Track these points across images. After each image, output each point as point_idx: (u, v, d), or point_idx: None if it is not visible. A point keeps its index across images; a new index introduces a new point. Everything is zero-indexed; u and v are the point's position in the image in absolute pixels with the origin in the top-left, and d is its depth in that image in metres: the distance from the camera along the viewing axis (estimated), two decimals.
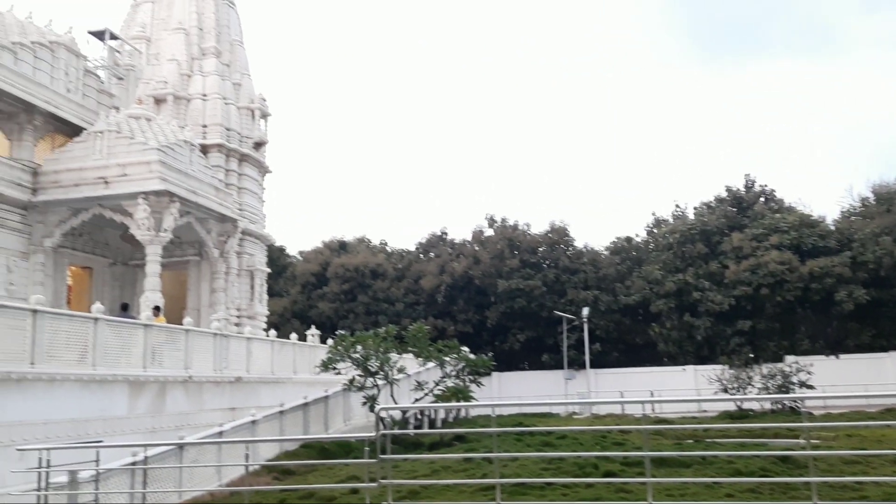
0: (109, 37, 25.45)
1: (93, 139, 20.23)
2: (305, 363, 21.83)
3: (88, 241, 21.91)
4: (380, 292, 45.78)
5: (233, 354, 17.99)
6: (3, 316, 11.67)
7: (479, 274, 44.84)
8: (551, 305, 42.84)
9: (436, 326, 39.54)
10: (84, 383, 12.83)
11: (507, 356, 42.61)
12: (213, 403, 16.62)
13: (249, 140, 26.25)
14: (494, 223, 48.07)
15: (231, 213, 22.97)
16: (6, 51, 19.61)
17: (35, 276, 19.61)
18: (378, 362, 17.78)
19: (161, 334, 15.53)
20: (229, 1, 27.42)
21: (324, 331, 25.72)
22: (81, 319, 13.43)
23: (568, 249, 46.35)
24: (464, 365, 19.60)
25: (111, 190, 19.52)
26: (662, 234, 44.91)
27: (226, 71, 26.18)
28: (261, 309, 26.16)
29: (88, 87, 22.64)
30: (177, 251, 23.04)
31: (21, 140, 20.33)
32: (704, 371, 36.59)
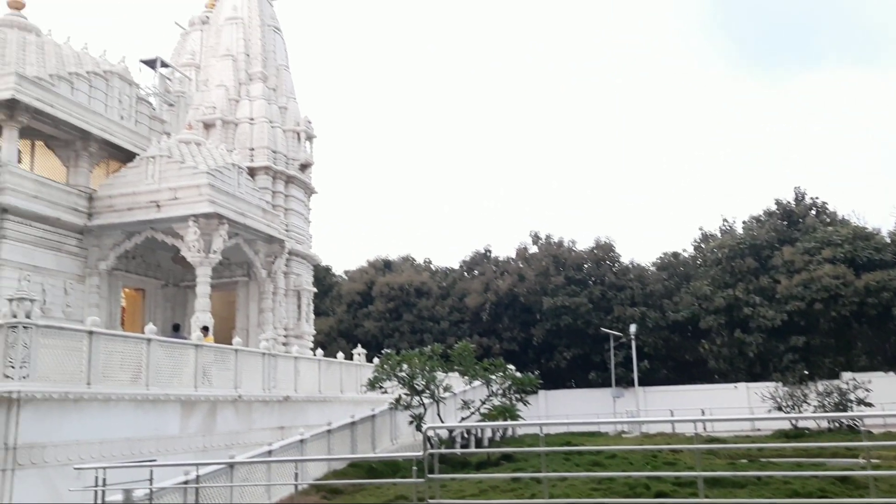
0: (160, 65, 26.27)
1: (145, 164, 20.80)
2: (352, 382, 21.94)
3: (141, 263, 22.47)
4: (425, 311, 45.87)
5: (281, 374, 18.18)
6: (61, 338, 12.00)
7: (524, 291, 44.62)
8: (598, 322, 42.37)
9: (481, 345, 39.46)
10: (138, 403, 13.10)
11: (553, 374, 42.22)
12: (263, 422, 16.80)
13: (295, 162, 26.69)
14: (539, 240, 47.87)
15: (278, 233, 23.33)
16: (63, 81, 20.34)
17: (90, 298, 20.17)
18: (424, 381, 17.79)
19: (211, 354, 15.78)
20: (275, 27, 28.03)
21: (369, 349, 25.88)
22: (135, 340, 13.73)
23: (614, 266, 45.86)
24: (510, 383, 19.48)
25: (163, 213, 20.00)
26: (710, 249, 44.12)
27: (272, 95, 26.72)
28: (308, 328, 26.43)
29: (141, 114, 23.33)
30: (226, 272, 23.47)
31: (77, 166, 21.02)
32: (757, 388, 35.71)
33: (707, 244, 46.15)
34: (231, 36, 26.86)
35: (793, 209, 43.93)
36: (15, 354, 10.91)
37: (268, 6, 28.26)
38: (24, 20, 22.22)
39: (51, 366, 11.56)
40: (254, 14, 27.37)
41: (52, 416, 11.30)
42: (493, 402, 19.14)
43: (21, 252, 18.32)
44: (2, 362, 10.93)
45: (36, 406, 11.02)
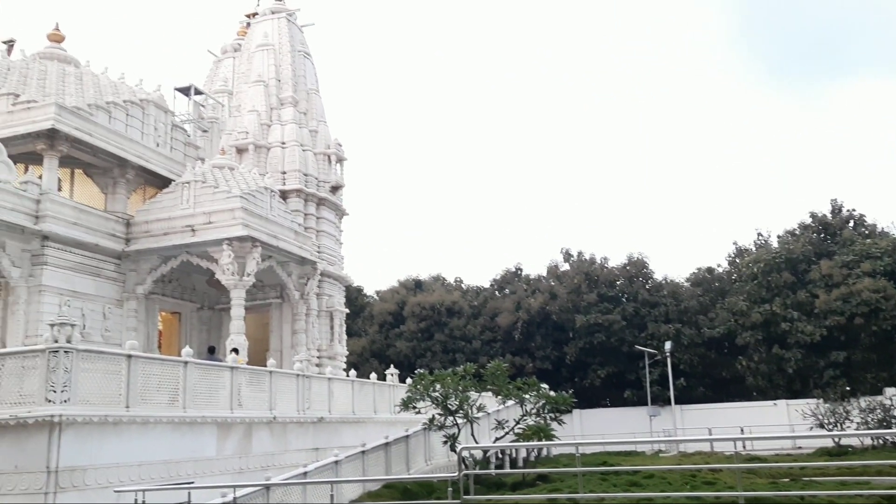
0: (194, 92, 26.86)
1: (180, 189, 21.20)
2: (385, 402, 21.95)
3: (177, 287, 22.82)
4: (456, 330, 45.79)
5: (315, 395, 18.25)
6: (101, 361, 12.19)
7: (556, 309, 44.34)
8: (632, 340, 41.90)
9: (514, 364, 39.21)
10: (175, 425, 13.24)
11: (587, 393, 41.78)
12: (297, 444, 16.86)
13: (326, 184, 26.98)
14: (570, 257, 47.62)
15: (310, 255, 23.55)
16: (101, 110, 20.89)
17: (128, 322, 20.52)
18: (457, 401, 17.73)
19: (246, 376, 15.91)
20: (305, 52, 28.49)
21: (402, 369, 25.89)
22: (172, 363, 13.90)
23: (647, 282, 45.41)
24: (544, 402, 19.33)
25: (198, 237, 20.33)
26: (745, 264, 43.47)
27: (303, 119, 27.11)
28: (340, 349, 26.55)
29: (176, 141, 23.83)
30: (259, 294, 23.73)
31: (115, 193, 21.50)
32: (797, 405, 34.94)
33: (742, 259, 45.50)
34: (262, 62, 27.36)
35: (829, 222, 43.17)
36: (56, 379, 11.10)
37: (298, 32, 28.76)
38: (64, 52, 22.92)
39: (91, 389, 11.73)
40: (284, 40, 27.87)
41: (92, 440, 11.47)
42: (527, 421, 19.00)
43: (61, 278, 18.73)
44: (43, 386, 11.12)
45: (77, 429, 11.20)
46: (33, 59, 22.24)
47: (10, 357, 11.91)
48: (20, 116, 19.41)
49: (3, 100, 19.99)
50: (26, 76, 21.09)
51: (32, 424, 10.91)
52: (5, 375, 11.62)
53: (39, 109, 19.31)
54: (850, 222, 43.25)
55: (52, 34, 23.24)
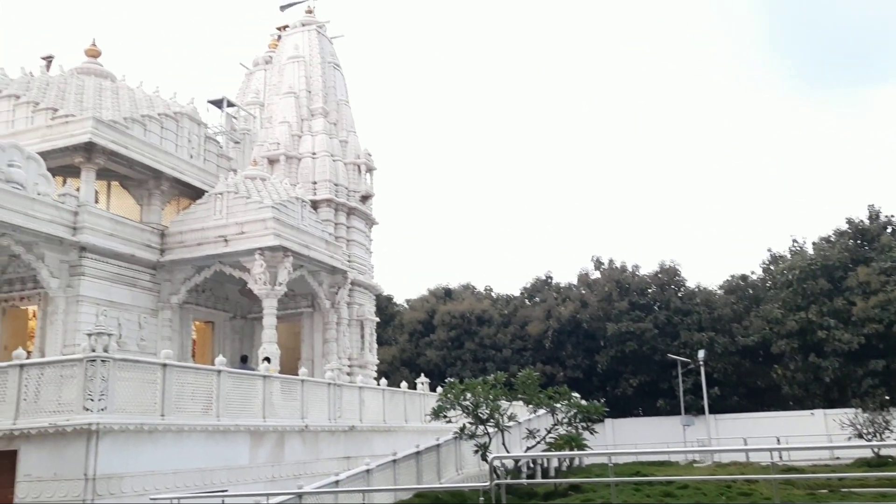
0: (227, 104, 27.25)
1: (213, 200, 21.49)
2: (416, 411, 21.97)
3: (210, 296, 23.11)
4: (486, 339, 45.68)
5: (346, 403, 18.34)
6: (137, 370, 12.40)
7: (587, 318, 44.03)
8: (664, 348, 41.42)
9: (544, 372, 38.98)
10: (209, 434, 13.39)
11: (619, 402, 41.38)
12: (329, 452, 16.95)
13: (356, 194, 27.16)
14: (601, 265, 47.28)
15: (341, 264, 23.70)
16: (137, 123, 21.29)
17: (163, 331, 20.82)
18: (488, 410, 17.66)
19: (278, 385, 16.05)
20: (335, 64, 28.78)
21: (432, 378, 25.90)
22: (206, 372, 14.07)
23: (679, 290, 44.90)
24: (575, 412, 19.18)
25: (230, 247, 20.58)
26: (780, 271, 42.77)
27: (333, 129, 27.35)
28: (371, 358, 26.65)
29: (209, 152, 24.18)
30: (291, 303, 23.92)
31: (150, 204, 21.87)
32: (835, 415, 34.22)
33: (776, 266, 44.78)
34: (293, 74, 27.69)
35: (866, 228, 42.30)
36: (94, 387, 11.31)
37: (328, 44, 29.07)
38: (101, 67, 23.44)
39: (127, 398, 11.93)
40: (314, 52, 28.18)
41: (128, 447, 11.66)
42: (558, 430, 18.86)
43: (98, 288, 19.09)
44: (81, 395, 11.34)
45: (114, 437, 11.40)
46: (71, 74, 22.77)
47: (49, 366, 12.18)
48: (59, 130, 19.86)
49: (42, 114, 20.48)
50: (64, 91, 21.58)
51: (71, 432, 11.12)
52: (44, 384, 11.87)
53: (77, 123, 19.74)
54: (887, 228, 42.33)
55: (90, 50, 23.79)
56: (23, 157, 17.58)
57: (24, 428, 11.41)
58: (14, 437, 11.50)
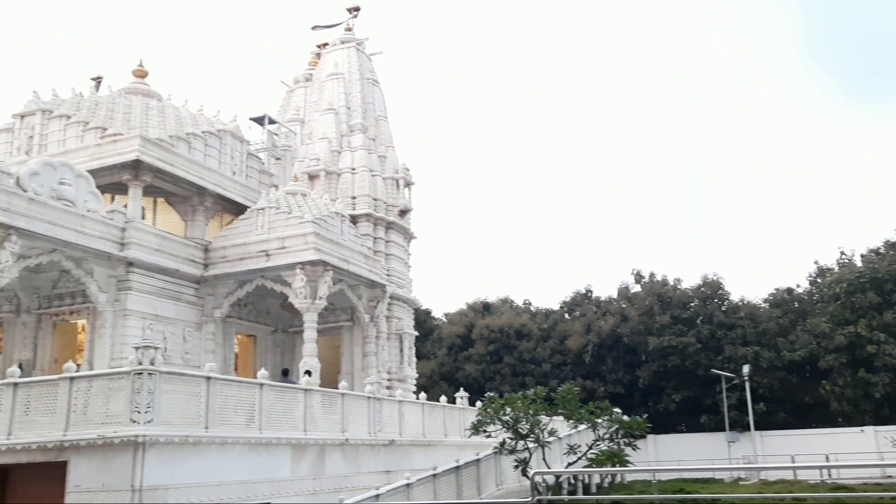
0: (268, 121, 27.76)
1: (255, 216, 21.86)
2: (455, 426, 21.92)
3: (252, 310, 23.44)
4: (525, 353, 45.41)
5: (386, 417, 18.38)
6: (182, 383, 12.60)
7: (628, 332, 43.50)
8: (707, 363, 40.66)
9: (584, 387, 38.60)
10: (252, 446, 13.53)
11: (661, 417, 40.69)
12: (369, 466, 16.99)
13: (395, 208, 27.35)
14: (641, 279, 46.71)
15: (380, 278, 23.85)
16: (182, 141, 21.80)
17: (206, 344, 21.17)
18: (528, 425, 17.55)
19: (319, 398, 16.16)
20: (373, 80, 29.13)
21: (471, 392, 25.81)
22: (248, 385, 14.24)
23: (723, 304, 44.08)
24: (617, 427, 18.95)
25: (272, 262, 20.88)
26: (828, 284, 41.73)
27: (371, 145, 27.63)
28: (410, 372, 26.70)
29: (251, 169, 24.62)
30: (331, 317, 24.13)
31: (194, 220, 22.33)
32: (886, 432, 33.18)
33: (824, 279, 43.71)
34: (333, 91, 28.08)
35: None
36: (140, 400, 11.53)
37: (367, 61, 29.44)
38: (147, 87, 24.08)
39: (172, 410, 12.12)
40: (353, 69, 28.56)
41: (174, 459, 11.84)
42: (600, 446, 18.65)
43: (144, 302, 19.51)
44: (129, 407, 11.56)
45: (159, 449, 11.59)
46: (119, 94, 23.43)
47: (97, 379, 12.46)
48: (107, 149, 20.43)
49: (91, 133, 21.09)
50: (113, 110, 22.21)
51: (118, 444, 11.34)
52: (93, 396, 12.13)
53: (125, 142, 20.28)
54: None
55: (137, 70, 24.48)
56: (73, 175, 18.10)
57: (74, 439, 11.67)
58: (64, 448, 11.77)
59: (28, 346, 19.63)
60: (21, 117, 22.12)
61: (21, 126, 22.03)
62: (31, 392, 12.64)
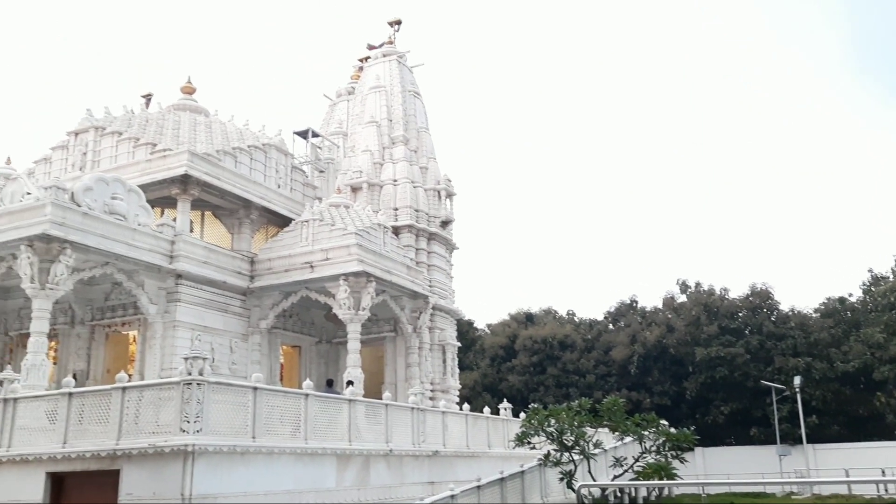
0: (311, 135, 28.17)
1: (300, 228, 22.14)
2: (499, 437, 21.80)
3: (297, 321, 23.71)
4: (569, 364, 45.01)
5: (429, 428, 18.37)
6: (229, 393, 12.77)
7: (674, 342, 42.80)
8: (757, 374, 39.74)
9: (630, 399, 38.04)
10: (297, 456, 13.64)
11: (710, 430, 39.88)
12: (413, 477, 16.99)
13: (437, 219, 27.44)
14: (687, 288, 45.97)
15: (422, 289, 23.92)
16: (228, 155, 22.23)
17: (253, 355, 21.47)
18: (573, 436, 17.38)
19: (363, 409, 16.23)
20: (415, 92, 29.35)
21: (514, 404, 25.66)
22: (294, 395, 14.36)
23: (772, 313, 43.09)
24: (664, 440, 18.64)
25: (316, 273, 21.10)
26: (882, 293, 40.48)
27: (413, 156, 27.81)
28: (453, 382, 26.68)
29: (295, 182, 24.98)
30: (374, 328, 24.27)
31: (241, 233, 22.72)
32: None
33: (878, 287, 42.42)
34: (375, 104, 28.37)
35: None
36: (190, 410, 11.72)
37: (408, 73, 29.68)
38: (195, 103, 24.66)
39: (220, 420, 12.28)
40: (395, 82, 28.82)
41: (222, 469, 12.00)
42: (646, 459, 18.37)
43: (193, 314, 19.89)
44: (178, 417, 11.76)
45: (208, 459, 11.76)
46: (168, 110, 24.02)
47: (147, 389, 12.71)
48: (157, 164, 20.94)
49: (142, 149, 21.65)
50: (162, 126, 22.78)
51: (168, 453, 11.54)
52: (144, 406, 12.38)
53: (174, 157, 20.77)
54: None
55: (185, 87, 25.08)
56: (125, 190, 18.59)
57: (126, 448, 11.91)
58: (116, 457, 12.02)
59: (82, 357, 20.14)
60: (75, 134, 22.81)
61: (75, 143, 22.72)
62: (84, 402, 12.96)
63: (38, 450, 12.87)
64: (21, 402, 13.65)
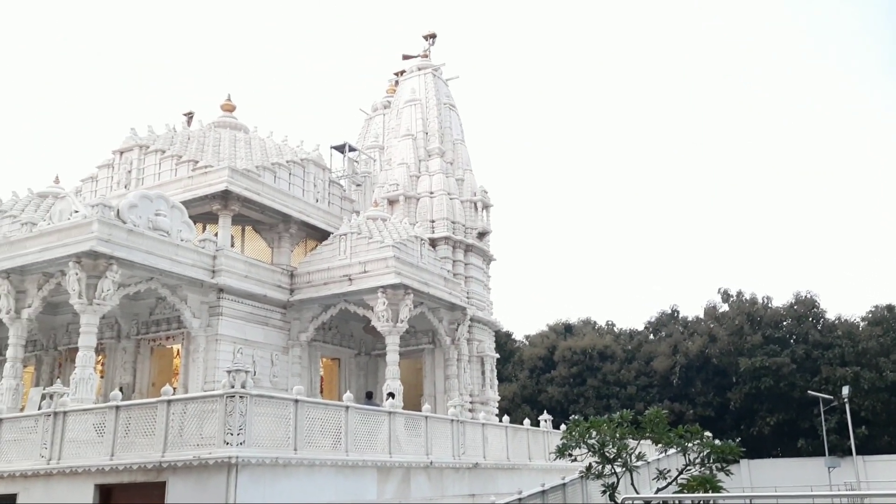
0: (348, 149, 28.45)
1: (338, 241, 22.35)
2: (539, 449, 21.63)
3: (336, 334, 23.88)
4: (609, 375, 44.54)
5: (469, 440, 18.31)
6: (271, 406, 12.90)
7: (717, 352, 42.09)
8: (803, 385, 38.85)
9: (672, 410, 37.52)
10: (338, 468, 13.70)
11: (755, 442, 39.08)
12: (454, 489, 16.93)
13: (473, 231, 27.45)
14: (729, 297, 45.23)
15: (460, 301, 23.91)
16: (267, 171, 22.57)
17: (293, 368, 21.67)
18: (615, 449, 17.15)
19: (403, 421, 16.25)
20: (450, 104, 29.47)
21: (553, 415, 25.46)
22: (335, 408, 14.44)
23: (818, 322, 42.16)
24: (709, 452, 18.28)
25: (354, 286, 21.25)
26: None
27: (449, 168, 27.89)
28: (492, 394, 26.57)
29: (333, 195, 25.24)
30: (412, 340, 24.32)
31: (280, 247, 23.01)
32: None
33: None
34: (410, 117, 28.56)
35: None
36: (233, 422, 11.87)
37: (443, 86, 29.84)
38: (235, 120, 25.13)
39: (262, 432, 12.40)
40: (430, 95, 28.99)
41: (265, 481, 12.12)
42: (690, 471, 18.02)
43: (234, 327, 20.17)
44: (221, 429, 11.91)
45: (251, 471, 11.88)
46: (209, 127, 24.50)
47: (191, 402, 12.89)
48: (199, 180, 21.35)
49: (184, 166, 22.10)
50: (203, 144, 23.23)
51: (212, 465, 11.69)
52: (188, 419, 12.56)
53: (215, 173, 21.15)
54: None
55: (225, 105, 25.57)
56: (168, 207, 18.98)
57: (172, 460, 12.10)
58: (162, 469, 12.22)
59: (128, 371, 20.55)
60: (120, 153, 23.39)
61: (120, 161, 23.30)
62: (131, 415, 13.21)
63: (87, 462, 13.14)
64: (70, 415, 13.97)
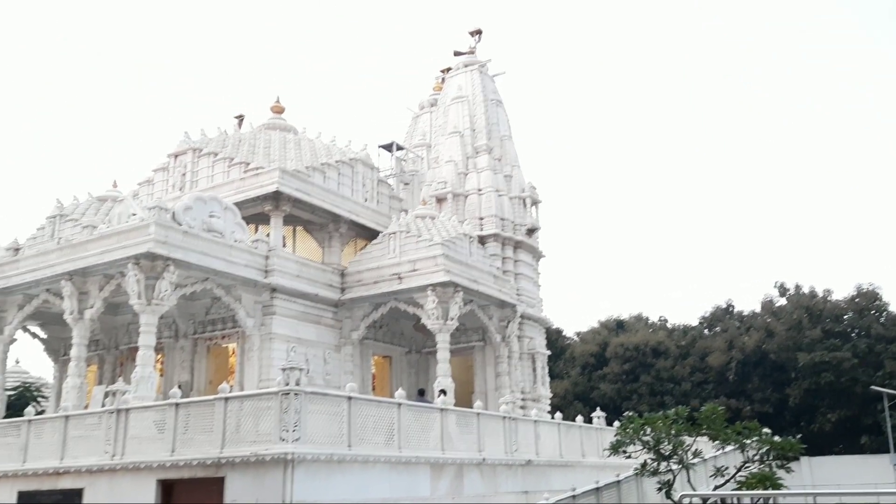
0: (395, 148, 28.61)
1: (387, 240, 22.51)
2: (593, 446, 21.44)
3: (387, 332, 24.06)
4: (663, 371, 43.83)
5: (521, 437, 18.25)
6: (325, 403, 13.08)
7: (774, 347, 41.04)
8: (866, 380, 37.58)
9: (729, 406, 36.63)
10: (392, 465, 13.81)
11: (815, 438, 37.95)
12: (507, 486, 16.90)
13: (522, 227, 27.31)
14: (786, 291, 44.05)
15: (510, 298, 23.84)
16: (317, 171, 22.85)
17: (345, 366, 21.92)
18: (671, 445, 16.88)
19: (455, 418, 16.29)
20: (497, 100, 29.38)
21: (606, 412, 25.18)
22: (387, 405, 14.55)
23: (881, 315, 40.73)
24: (768, 448, 17.86)
25: (404, 284, 21.37)
26: None
27: (497, 165, 27.80)
28: (544, 391, 26.42)
29: (381, 195, 25.41)
30: (462, 337, 24.34)
31: (330, 246, 23.29)
32: None
33: None
34: (457, 114, 28.57)
35: None
36: (288, 419, 12.07)
37: (490, 82, 29.76)
38: (284, 122, 25.51)
39: (316, 429, 12.58)
40: (477, 91, 28.95)
41: (319, 477, 12.28)
42: (749, 468, 17.64)
43: (287, 326, 20.49)
44: (277, 426, 12.13)
45: (306, 467, 12.06)
46: (259, 130, 24.93)
47: (248, 399, 13.17)
48: (250, 182, 21.75)
49: (236, 168, 22.53)
50: (254, 146, 23.65)
51: (269, 461, 11.92)
52: (244, 416, 12.83)
53: (266, 175, 21.51)
54: None
55: (274, 107, 25.99)
56: (221, 208, 19.38)
57: (230, 456, 12.37)
58: (221, 464, 12.50)
59: (186, 369, 21.07)
60: (175, 156, 23.98)
61: (175, 164, 23.88)
62: (190, 412, 13.55)
63: (148, 458, 13.52)
64: (132, 412, 14.39)
